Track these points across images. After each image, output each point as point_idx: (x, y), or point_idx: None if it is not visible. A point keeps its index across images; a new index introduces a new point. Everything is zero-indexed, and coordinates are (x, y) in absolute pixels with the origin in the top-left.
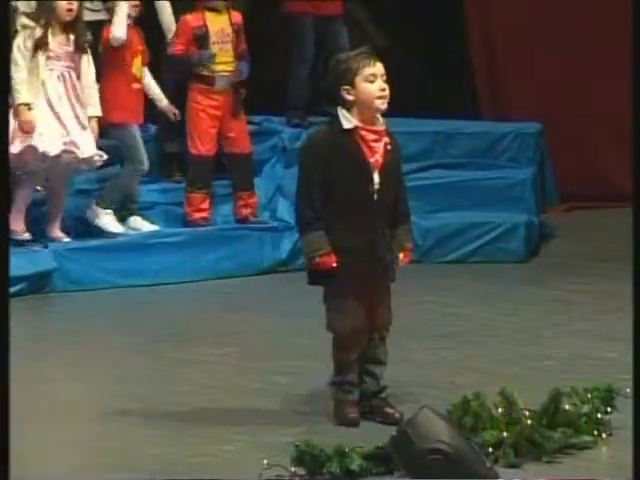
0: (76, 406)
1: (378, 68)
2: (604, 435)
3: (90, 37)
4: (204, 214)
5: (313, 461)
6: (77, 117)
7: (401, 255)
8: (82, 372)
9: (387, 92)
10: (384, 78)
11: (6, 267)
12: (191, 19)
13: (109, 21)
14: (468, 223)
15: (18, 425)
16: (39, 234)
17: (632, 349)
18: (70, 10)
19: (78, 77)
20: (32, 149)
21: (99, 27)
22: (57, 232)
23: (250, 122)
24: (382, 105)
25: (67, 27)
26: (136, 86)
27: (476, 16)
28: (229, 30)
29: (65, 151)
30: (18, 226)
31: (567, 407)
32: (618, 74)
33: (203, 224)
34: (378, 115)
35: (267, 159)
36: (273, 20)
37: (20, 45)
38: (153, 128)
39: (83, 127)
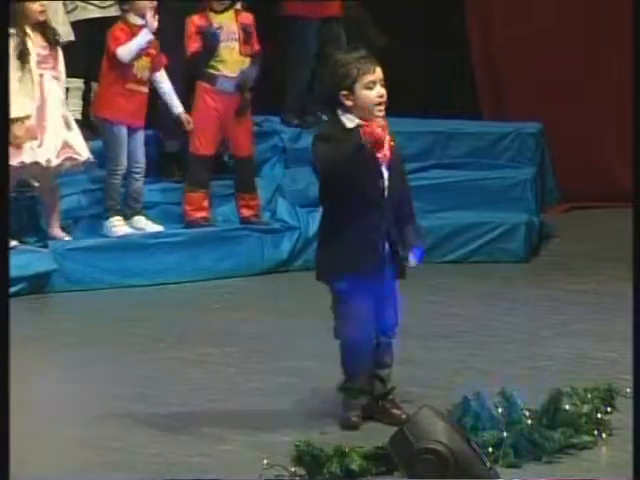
0: (76, 406)
1: (377, 74)
2: (604, 435)
3: (59, 34)
4: (204, 213)
5: (313, 461)
6: (67, 119)
7: (410, 255)
8: (82, 372)
9: (385, 98)
10: (382, 83)
11: (6, 267)
12: (196, 18)
13: (121, 17)
14: (468, 223)
15: (18, 425)
16: (39, 234)
17: (632, 349)
18: (42, 12)
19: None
20: (35, 163)
21: (108, 24)
22: (58, 231)
23: None
24: (380, 112)
25: (42, 28)
26: (131, 86)
27: (476, 16)
28: (235, 28)
29: (66, 159)
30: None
31: (567, 407)
32: (618, 74)
33: (203, 224)
34: None
35: (267, 159)
36: (273, 20)
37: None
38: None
39: (72, 129)
